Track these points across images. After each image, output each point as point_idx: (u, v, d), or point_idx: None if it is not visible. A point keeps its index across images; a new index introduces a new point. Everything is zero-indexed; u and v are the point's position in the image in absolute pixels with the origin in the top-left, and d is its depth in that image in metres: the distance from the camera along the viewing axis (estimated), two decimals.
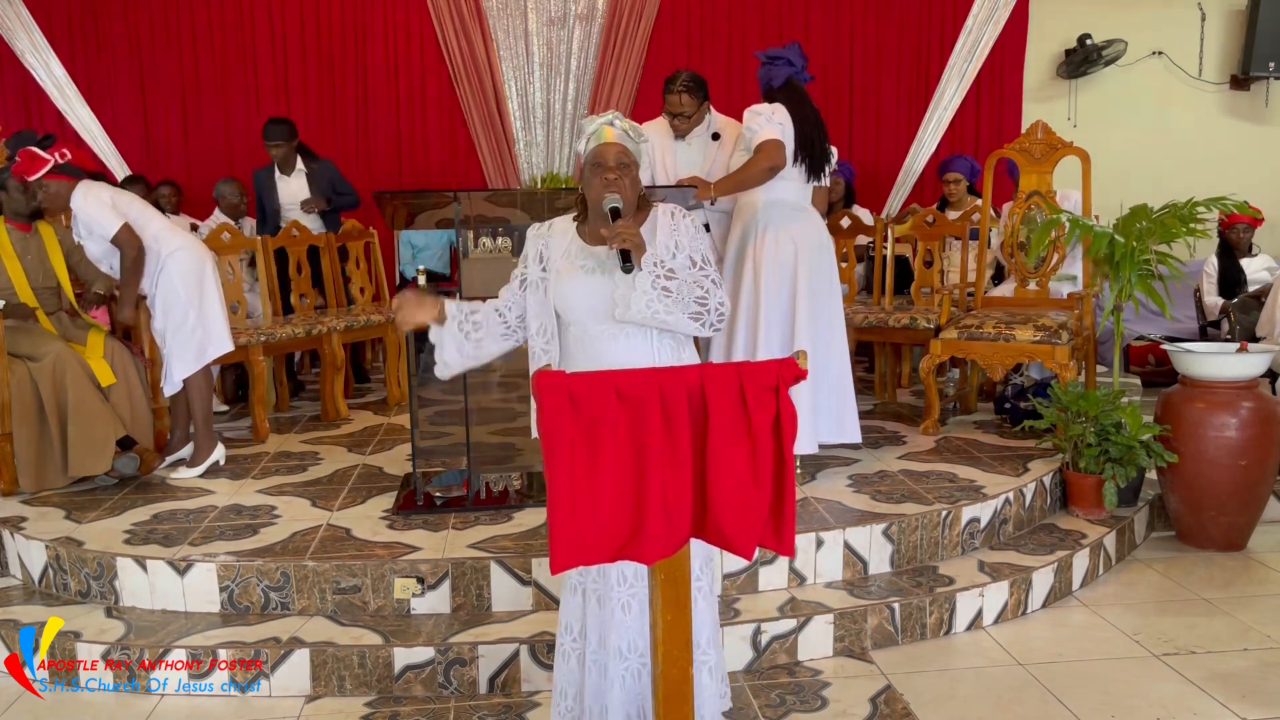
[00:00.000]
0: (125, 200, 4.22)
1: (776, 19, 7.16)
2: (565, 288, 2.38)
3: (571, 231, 2.45)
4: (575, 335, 2.41)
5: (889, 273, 5.48)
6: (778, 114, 3.84)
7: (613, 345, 2.36)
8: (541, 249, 2.45)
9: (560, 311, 2.41)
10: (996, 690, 2.96)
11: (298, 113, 7.02)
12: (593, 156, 2.37)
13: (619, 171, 2.34)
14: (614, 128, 2.38)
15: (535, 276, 2.45)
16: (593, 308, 2.36)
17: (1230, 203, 4.26)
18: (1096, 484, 3.90)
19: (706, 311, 2.30)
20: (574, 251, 2.41)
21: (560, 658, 2.51)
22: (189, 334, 4.22)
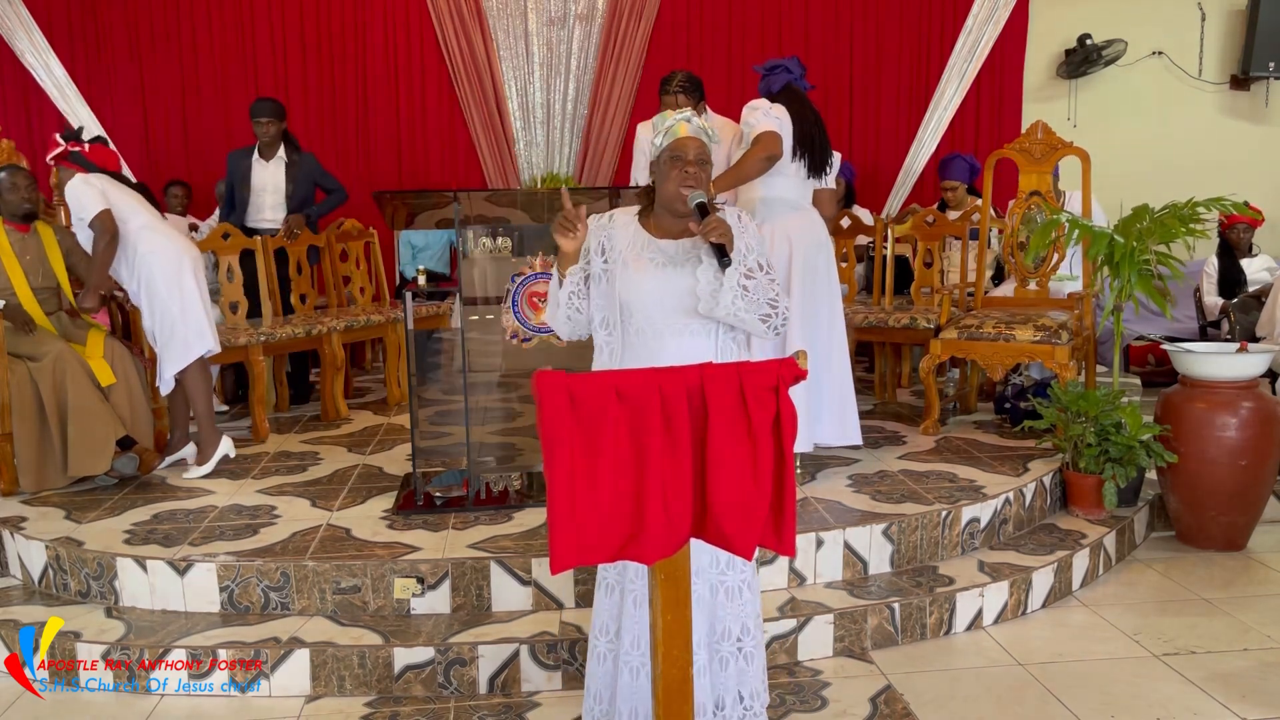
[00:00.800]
0: (116, 191, 4.24)
1: (776, 19, 7.16)
2: (634, 280, 2.36)
3: (635, 224, 2.44)
4: (638, 328, 2.38)
5: (889, 273, 5.48)
6: (775, 109, 3.85)
7: (676, 341, 2.35)
8: (603, 241, 2.42)
9: (625, 304, 2.38)
10: (996, 690, 2.96)
11: (297, 113, 7.03)
12: (672, 149, 2.36)
13: (698, 167, 2.35)
14: (690, 124, 2.38)
15: (598, 269, 2.42)
16: (661, 301, 2.35)
17: (1230, 203, 4.26)
18: (1096, 484, 3.91)
19: (775, 314, 2.33)
20: (640, 244, 2.40)
21: (595, 660, 2.48)
22: (171, 331, 4.23)
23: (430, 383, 4.72)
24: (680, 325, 2.36)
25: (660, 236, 2.41)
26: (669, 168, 2.36)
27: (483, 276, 3.86)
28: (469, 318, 3.84)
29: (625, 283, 2.37)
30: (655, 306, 2.36)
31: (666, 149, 2.37)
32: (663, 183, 2.38)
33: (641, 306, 2.36)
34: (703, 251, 2.33)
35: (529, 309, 3.76)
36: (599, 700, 2.48)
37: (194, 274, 4.30)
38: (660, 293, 2.35)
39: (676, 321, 2.36)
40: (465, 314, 3.82)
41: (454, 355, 4.46)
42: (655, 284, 2.35)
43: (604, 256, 2.41)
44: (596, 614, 2.49)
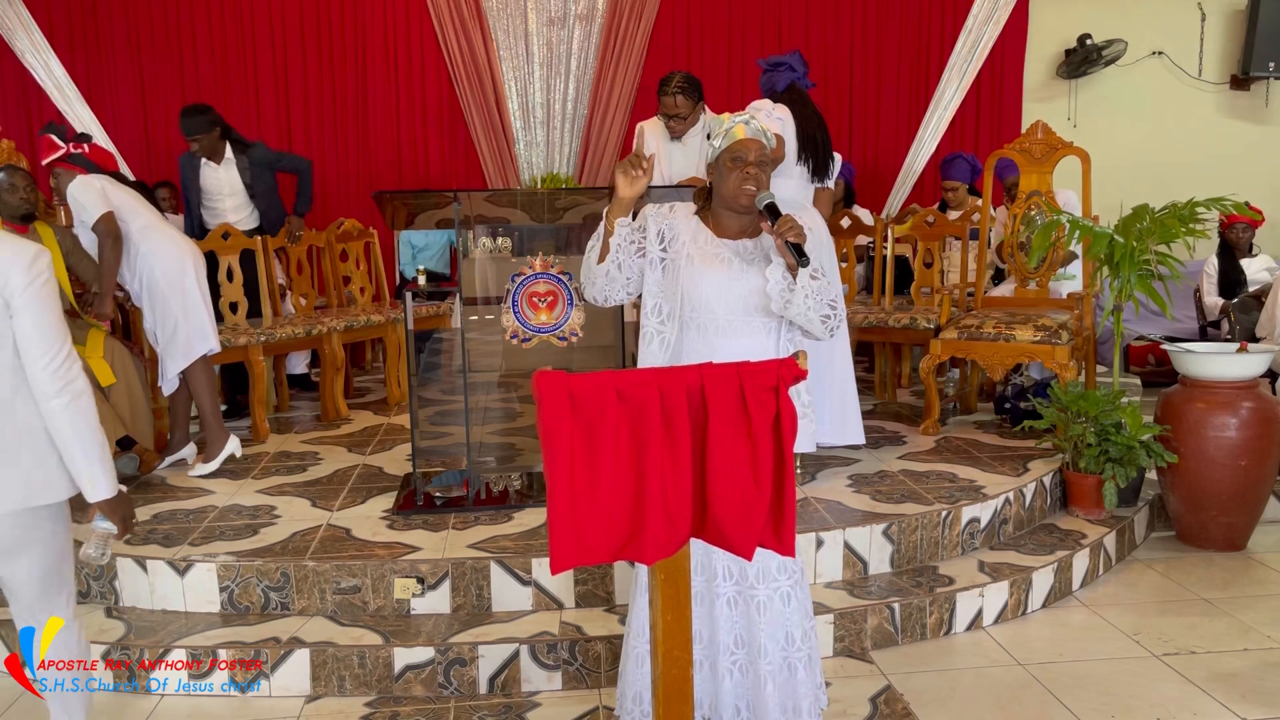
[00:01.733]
0: (117, 192, 4.24)
1: (776, 19, 7.16)
2: (700, 275, 2.38)
3: (696, 221, 2.46)
4: (699, 324, 2.40)
5: (889, 273, 5.48)
6: (777, 110, 3.85)
7: (736, 339, 2.38)
8: (664, 229, 2.45)
9: (689, 298, 2.40)
10: (996, 690, 2.96)
11: (297, 113, 7.03)
12: (733, 150, 2.38)
13: (758, 168, 2.37)
14: (748, 126, 2.40)
15: (655, 255, 2.45)
16: (724, 298, 2.37)
17: (1230, 203, 4.26)
18: (1096, 484, 3.90)
19: (835, 315, 2.36)
20: (703, 240, 2.42)
21: (634, 662, 2.49)
22: (173, 331, 4.23)
23: (430, 383, 4.72)
24: (742, 323, 2.39)
25: (721, 235, 2.44)
26: (730, 168, 2.38)
27: (483, 276, 3.86)
28: (469, 318, 3.83)
29: (690, 276, 2.39)
30: (719, 303, 2.38)
31: (725, 150, 2.40)
32: (722, 183, 2.40)
33: (705, 302, 2.39)
34: (771, 251, 2.37)
35: (529, 309, 3.75)
36: (638, 702, 2.49)
37: (195, 273, 4.31)
38: (725, 290, 2.38)
39: (739, 319, 2.39)
40: (465, 314, 3.82)
41: (454, 355, 4.46)
42: (722, 281, 2.38)
43: (663, 244, 2.44)
44: (633, 616, 2.51)
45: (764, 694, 2.42)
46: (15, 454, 2.13)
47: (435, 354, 5.17)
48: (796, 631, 2.46)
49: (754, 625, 2.43)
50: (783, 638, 2.45)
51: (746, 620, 2.44)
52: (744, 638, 2.45)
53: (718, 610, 2.45)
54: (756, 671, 2.43)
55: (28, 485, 2.15)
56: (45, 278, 2.13)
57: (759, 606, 2.42)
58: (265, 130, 7.01)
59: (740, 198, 2.37)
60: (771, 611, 2.43)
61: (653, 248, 2.45)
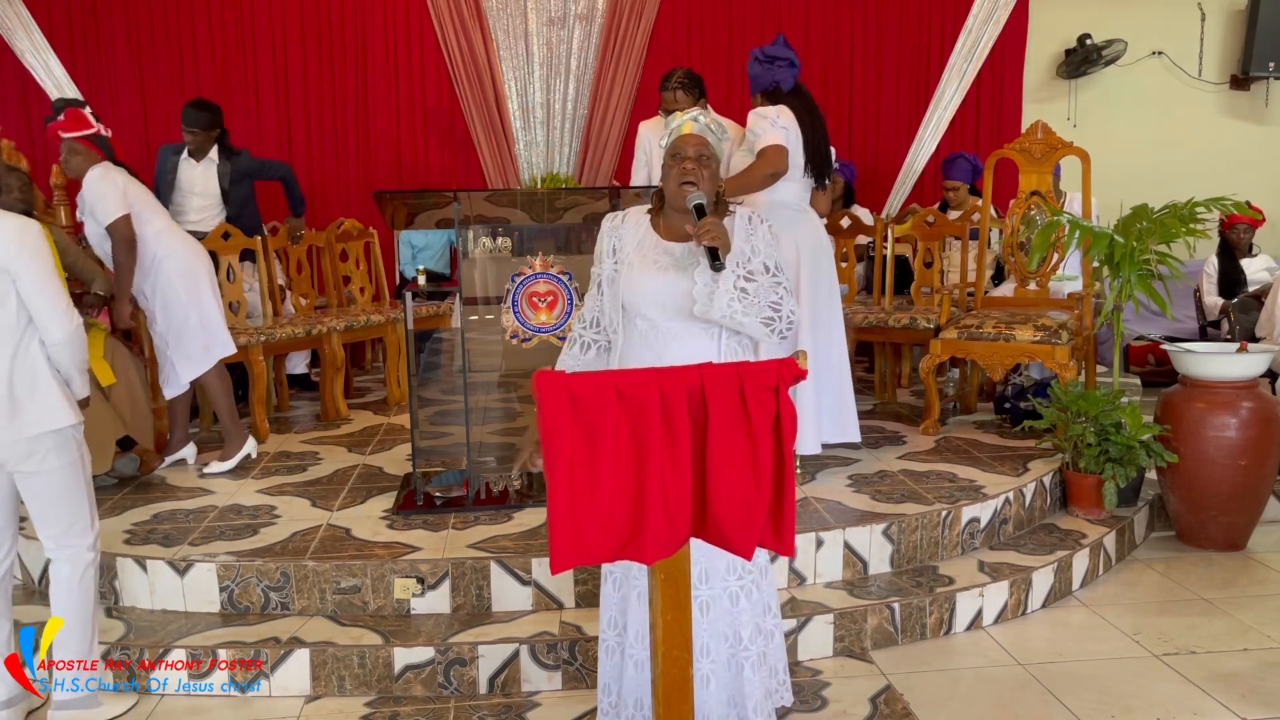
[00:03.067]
0: (136, 192, 4.22)
1: (776, 19, 7.15)
2: (638, 281, 2.37)
3: (645, 223, 2.45)
4: (642, 330, 2.39)
5: (889, 273, 5.48)
6: (782, 117, 3.83)
7: (680, 343, 2.35)
8: (614, 242, 2.45)
9: (629, 305, 2.39)
10: (996, 690, 2.96)
11: (297, 113, 7.03)
12: (671, 148, 2.38)
13: (697, 163, 2.35)
14: (696, 122, 2.39)
15: (609, 271, 2.44)
16: (663, 303, 2.35)
17: (1230, 203, 4.26)
18: (1096, 484, 3.90)
19: (779, 318, 2.30)
20: (648, 244, 2.41)
21: (604, 653, 2.51)
22: (192, 335, 4.22)
23: (430, 383, 4.72)
24: (681, 327, 2.36)
25: (669, 238, 2.42)
26: (670, 165, 2.37)
27: (483, 276, 3.86)
28: (469, 318, 3.83)
29: (629, 283, 2.38)
30: (656, 308, 2.36)
31: (669, 146, 2.39)
32: (666, 182, 2.39)
33: (643, 307, 2.37)
34: (700, 254, 2.33)
35: (529, 309, 3.75)
36: (608, 692, 2.51)
37: (209, 277, 4.32)
38: (662, 294, 2.35)
39: (678, 323, 2.36)
40: (465, 314, 3.82)
41: (454, 355, 4.46)
42: (658, 285, 2.35)
43: (614, 258, 2.43)
44: (604, 608, 2.52)
45: (704, 693, 2.39)
46: (32, 389, 2.61)
47: (435, 354, 5.17)
48: (745, 630, 2.44)
49: (695, 626, 2.37)
50: (731, 636, 2.43)
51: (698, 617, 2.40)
52: None
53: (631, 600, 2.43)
54: (697, 671, 2.39)
55: (42, 413, 2.61)
56: (37, 244, 2.60)
57: (701, 607, 2.38)
58: (265, 130, 7.01)
59: (678, 197, 2.35)
60: (717, 611, 2.41)
61: (607, 265, 2.45)
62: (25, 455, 2.62)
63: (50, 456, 2.64)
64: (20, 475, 2.65)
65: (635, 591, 2.42)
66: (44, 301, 2.60)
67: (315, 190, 7.11)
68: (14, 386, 2.59)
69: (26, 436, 2.60)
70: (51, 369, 2.66)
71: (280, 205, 6.92)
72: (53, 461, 2.65)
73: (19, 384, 2.60)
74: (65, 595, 2.73)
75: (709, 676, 2.41)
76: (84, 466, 2.76)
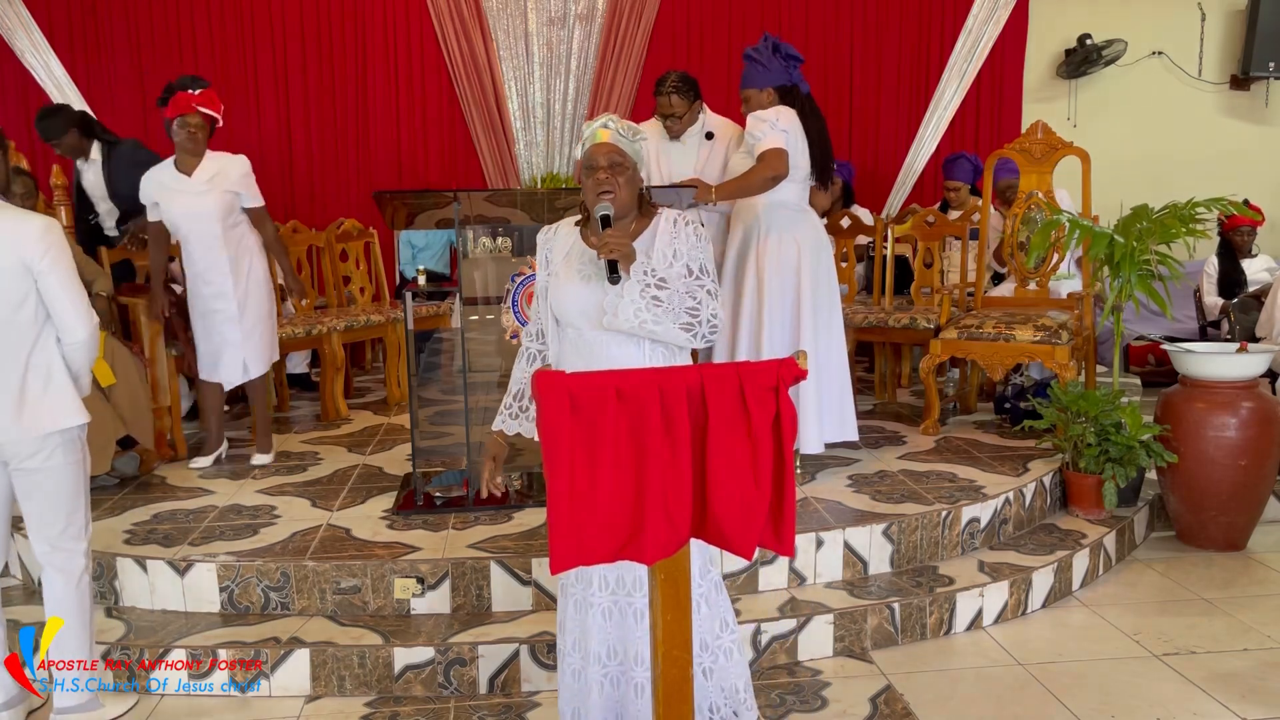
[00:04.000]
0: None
1: (776, 19, 7.15)
2: (561, 291, 2.38)
3: (575, 234, 2.45)
4: (571, 339, 2.40)
5: (889, 273, 5.48)
6: (782, 120, 3.82)
7: (606, 351, 2.35)
8: (546, 254, 2.47)
9: (558, 314, 2.41)
10: (996, 690, 2.96)
11: (298, 113, 7.02)
12: (585, 159, 2.37)
13: (610, 171, 2.33)
14: (608, 129, 2.36)
15: (542, 283, 2.46)
16: (585, 312, 2.35)
17: (1230, 203, 4.26)
18: (1096, 484, 3.90)
19: (698, 323, 2.28)
20: (574, 254, 2.41)
21: (569, 676, 2.45)
22: (268, 330, 4.42)
23: (430, 383, 4.72)
24: (607, 335, 2.34)
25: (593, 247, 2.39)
26: (585, 176, 2.37)
27: (483, 276, 3.86)
28: (469, 318, 3.83)
29: (556, 293, 2.40)
30: (580, 316, 2.36)
31: (583, 156, 2.37)
32: (585, 193, 2.38)
33: (570, 316, 2.37)
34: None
35: (529, 309, 3.75)
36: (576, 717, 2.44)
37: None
38: (585, 303, 2.34)
39: (603, 332, 2.34)
40: (465, 314, 3.82)
41: (454, 355, 4.46)
42: (582, 294, 2.35)
43: (547, 269, 2.46)
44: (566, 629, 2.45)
45: (637, 704, 2.35)
46: (45, 388, 2.62)
47: (435, 354, 5.17)
48: (708, 638, 2.39)
49: (629, 634, 2.35)
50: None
51: (621, 630, 2.37)
52: (617, 648, 2.37)
53: (590, 620, 2.37)
54: (630, 681, 2.37)
55: (55, 412, 2.63)
56: (61, 243, 2.61)
57: (636, 615, 2.34)
58: (265, 130, 7.01)
59: (592, 206, 2.34)
60: None
61: (541, 277, 2.47)
62: (31, 452, 2.62)
63: (57, 453, 2.65)
64: (22, 472, 2.64)
65: (598, 609, 2.37)
66: (67, 301, 2.61)
67: (315, 190, 7.11)
68: (26, 385, 2.60)
69: (36, 435, 2.60)
70: (65, 368, 2.67)
71: (278, 205, 6.93)
72: (58, 459, 2.65)
73: (32, 383, 2.60)
74: (62, 598, 2.72)
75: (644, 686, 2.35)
76: (85, 468, 2.76)
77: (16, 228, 2.56)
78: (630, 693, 2.37)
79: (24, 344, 2.60)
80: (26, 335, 2.60)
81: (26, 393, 2.59)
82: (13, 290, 2.55)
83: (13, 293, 2.55)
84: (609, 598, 2.37)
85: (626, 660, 2.37)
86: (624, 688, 2.38)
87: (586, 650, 2.39)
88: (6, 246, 2.54)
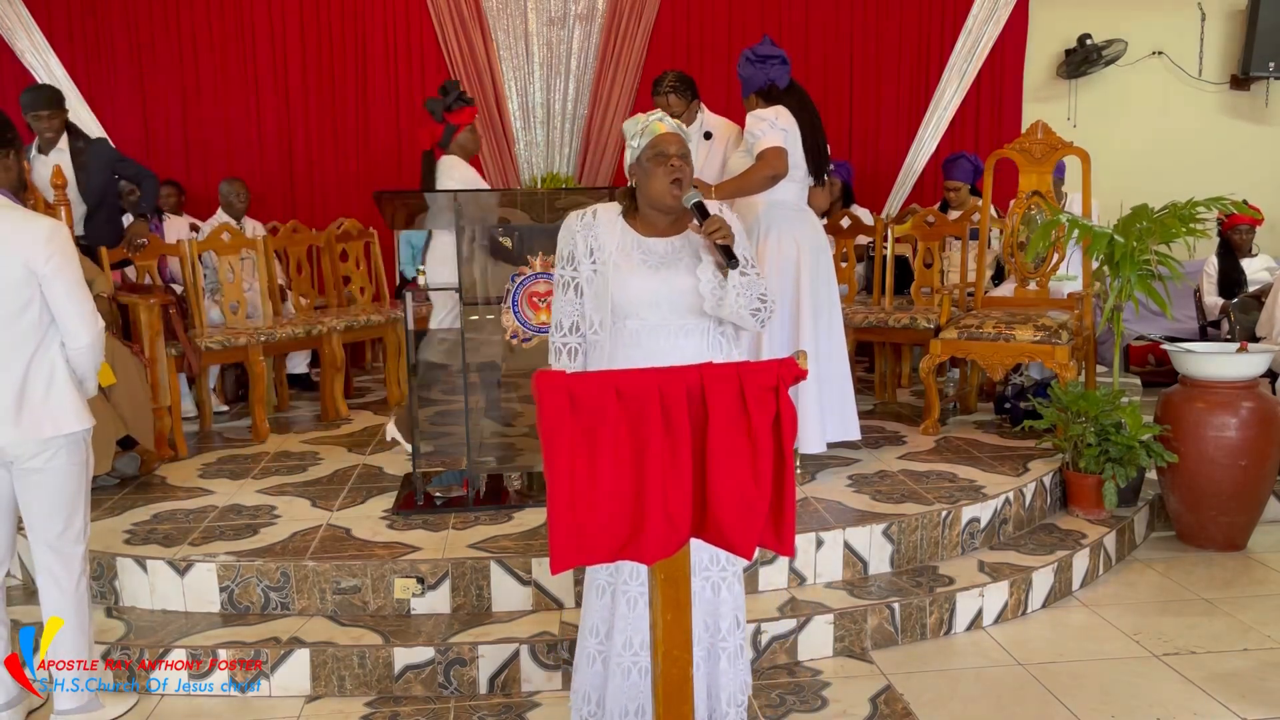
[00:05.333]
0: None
1: (776, 19, 7.15)
2: (628, 282, 2.35)
3: (620, 223, 2.42)
4: (633, 330, 2.37)
5: (889, 273, 5.48)
6: (781, 119, 3.83)
7: (672, 341, 2.36)
8: (591, 243, 2.39)
9: (619, 305, 2.37)
10: (996, 690, 2.96)
11: (297, 113, 7.03)
12: (654, 146, 2.35)
13: (682, 160, 2.34)
14: (664, 122, 2.38)
15: (588, 272, 2.39)
16: (656, 303, 2.35)
17: (1229, 203, 4.26)
18: (1096, 484, 3.90)
19: (765, 307, 2.35)
20: (629, 245, 2.39)
21: (585, 661, 2.48)
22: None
23: (430, 383, 4.72)
24: (675, 325, 2.36)
25: (648, 235, 2.40)
26: (654, 165, 2.35)
27: (483, 276, 3.86)
28: (469, 318, 3.83)
29: (619, 284, 2.36)
30: (650, 307, 2.36)
31: (647, 147, 2.36)
32: (648, 181, 2.36)
33: (636, 307, 2.36)
34: (701, 250, 2.33)
35: (529, 309, 3.75)
36: (587, 700, 2.48)
37: None
38: (655, 293, 2.34)
39: (672, 321, 2.36)
40: (465, 314, 3.82)
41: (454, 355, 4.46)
42: (650, 284, 2.35)
43: (593, 258, 2.39)
44: (586, 615, 2.49)
45: None
46: (46, 392, 2.60)
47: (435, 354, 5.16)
48: (724, 622, 2.43)
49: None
50: (711, 626, 2.42)
51: None
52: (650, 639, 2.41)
53: (621, 609, 2.40)
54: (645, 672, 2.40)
55: (57, 417, 2.61)
56: (66, 247, 2.59)
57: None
58: (265, 130, 7.01)
59: (666, 196, 2.34)
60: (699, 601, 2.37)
61: (584, 267, 2.39)
62: (35, 454, 2.60)
63: (60, 455, 2.63)
64: (25, 473, 2.62)
65: (625, 598, 2.39)
66: (73, 306, 2.59)
67: (315, 190, 7.11)
68: (26, 390, 2.57)
69: (36, 439, 2.58)
70: (69, 372, 2.65)
71: (278, 205, 6.94)
72: (61, 460, 2.64)
73: (34, 387, 2.58)
74: (60, 599, 2.71)
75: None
76: (88, 470, 2.75)
77: (22, 230, 2.54)
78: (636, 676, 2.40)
79: (26, 347, 2.57)
80: (30, 339, 2.57)
81: (27, 397, 2.57)
82: (17, 294, 2.53)
83: (17, 296, 2.53)
84: (639, 588, 2.39)
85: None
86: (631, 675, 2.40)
87: (611, 638, 2.42)
88: (12, 249, 2.51)
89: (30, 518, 2.68)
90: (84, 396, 2.71)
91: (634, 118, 2.44)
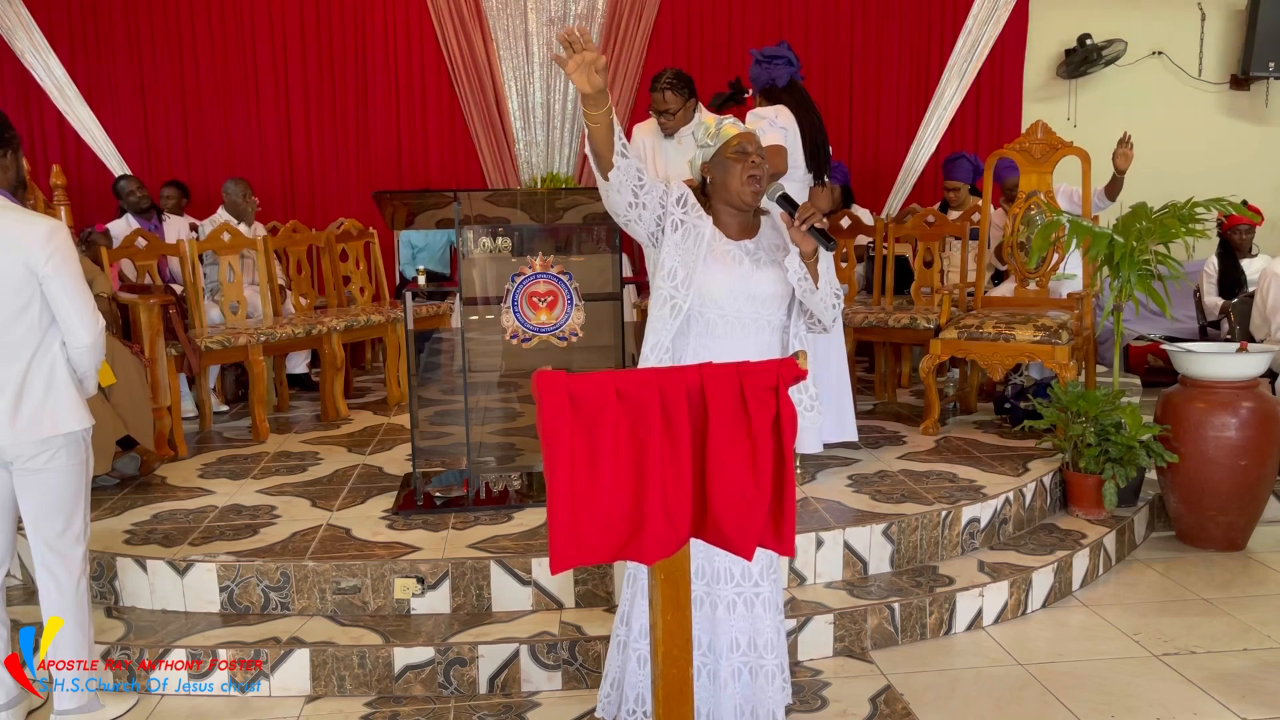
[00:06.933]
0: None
1: (776, 19, 7.16)
2: (715, 275, 2.39)
3: (709, 220, 2.46)
4: (711, 320, 2.41)
5: (889, 273, 5.48)
6: (781, 117, 3.83)
7: (747, 334, 2.41)
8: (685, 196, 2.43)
9: (707, 294, 2.40)
10: (996, 690, 2.96)
11: (298, 113, 7.03)
12: (734, 145, 2.40)
13: (761, 159, 2.41)
14: (737, 124, 2.43)
15: (676, 216, 2.42)
16: (736, 299, 2.40)
17: (1229, 203, 4.26)
18: (1096, 484, 3.90)
19: (840, 301, 2.47)
20: (714, 239, 2.44)
21: (615, 647, 2.57)
22: None
23: (430, 383, 4.72)
24: (750, 321, 2.42)
25: (732, 235, 2.46)
26: (734, 162, 2.39)
27: (483, 276, 3.86)
28: (469, 318, 3.84)
29: (706, 275, 2.40)
30: (731, 303, 2.41)
31: (725, 145, 2.41)
32: (727, 177, 2.40)
33: (718, 296, 2.40)
34: (772, 249, 2.44)
35: (529, 309, 3.75)
36: (615, 686, 2.56)
37: None
38: (739, 291, 2.40)
39: (748, 318, 2.42)
40: (465, 314, 3.82)
41: (454, 355, 4.46)
42: (735, 281, 2.40)
43: (684, 208, 2.42)
44: (620, 601, 2.57)
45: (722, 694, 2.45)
46: (46, 392, 2.59)
47: (435, 354, 5.17)
48: (761, 639, 2.47)
49: (721, 624, 2.45)
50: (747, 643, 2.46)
51: (709, 622, 2.45)
52: (700, 638, 2.44)
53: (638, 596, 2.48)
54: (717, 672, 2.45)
55: (57, 416, 2.60)
56: (66, 247, 2.58)
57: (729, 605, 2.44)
58: (265, 130, 7.02)
59: (745, 192, 2.39)
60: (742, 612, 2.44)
61: (674, 210, 2.41)
62: (34, 454, 2.60)
63: (60, 455, 2.63)
64: (24, 472, 2.62)
65: (641, 587, 2.47)
66: (73, 306, 2.58)
67: (315, 190, 7.12)
68: (26, 389, 2.57)
69: (34, 439, 2.58)
70: (69, 372, 2.65)
71: (278, 205, 6.94)
72: (61, 460, 2.64)
73: (34, 387, 2.58)
74: (60, 600, 2.71)
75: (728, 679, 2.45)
76: (88, 470, 2.75)
77: (22, 230, 2.53)
78: (706, 680, 2.44)
79: (27, 347, 2.57)
80: (30, 339, 2.57)
81: (26, 396, 2.57)
82: (17, 294, 2.53)
83: (17, 296, 2.53)
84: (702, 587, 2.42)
85: (717, 648, 2.44)
86: (701, 676, 2.44)
87: (630, 624, 2.48)
88: (12, 249, 2.51)
89: (30, 518, 2.67)
90: (84, 396, 2.70)
91: (704, 121, 2.49)
